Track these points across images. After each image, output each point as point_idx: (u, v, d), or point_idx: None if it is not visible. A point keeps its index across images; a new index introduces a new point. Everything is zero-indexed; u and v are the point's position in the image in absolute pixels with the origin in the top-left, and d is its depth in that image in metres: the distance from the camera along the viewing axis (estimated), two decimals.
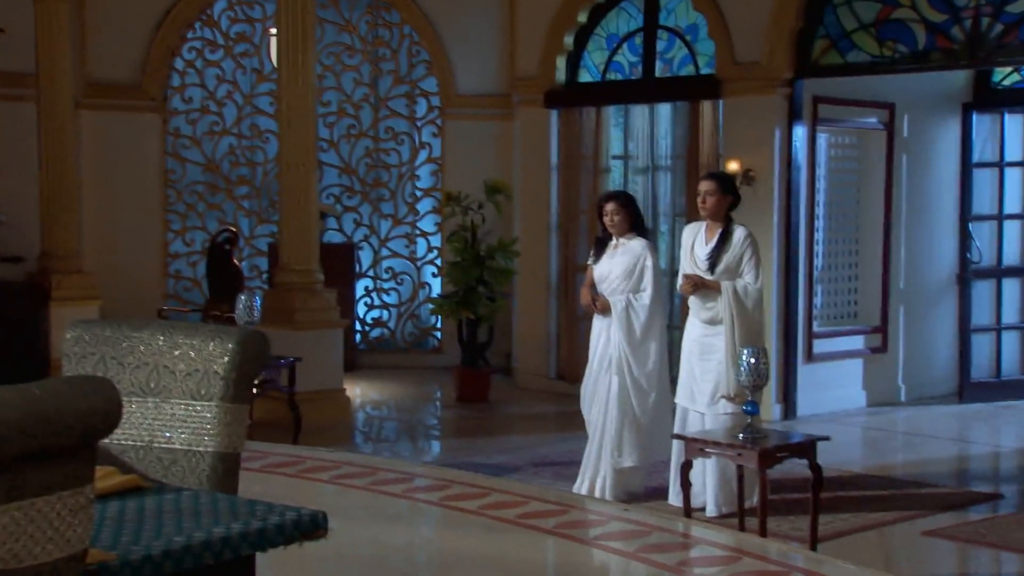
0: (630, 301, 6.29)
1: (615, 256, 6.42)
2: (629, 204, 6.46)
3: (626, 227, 6.39)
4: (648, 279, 6.33)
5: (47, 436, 1.79)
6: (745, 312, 6.02)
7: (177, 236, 10.51)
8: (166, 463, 2.69)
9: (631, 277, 6.33)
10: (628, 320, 6.27)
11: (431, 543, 5.06)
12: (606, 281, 6.40)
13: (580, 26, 9.56)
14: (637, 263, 6.32)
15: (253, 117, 10.72)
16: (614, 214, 6.37)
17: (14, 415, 1.75)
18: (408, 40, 10.73)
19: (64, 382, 1.89)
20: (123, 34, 10.02)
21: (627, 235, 6.39)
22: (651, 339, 6.30)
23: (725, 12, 8.63)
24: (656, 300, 6.34)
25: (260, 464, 5.77)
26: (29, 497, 1.79)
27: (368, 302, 11.01)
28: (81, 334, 2.83)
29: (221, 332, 2.74)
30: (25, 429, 1.75)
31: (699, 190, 6.23)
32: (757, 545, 4.52)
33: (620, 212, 6.37)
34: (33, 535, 1.79)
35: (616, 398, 6.26)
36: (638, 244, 6.38)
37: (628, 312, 6.27)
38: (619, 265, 6.36)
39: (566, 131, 9.61)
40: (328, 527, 2.42)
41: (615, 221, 6.37)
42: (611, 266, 6.41)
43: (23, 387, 1.82)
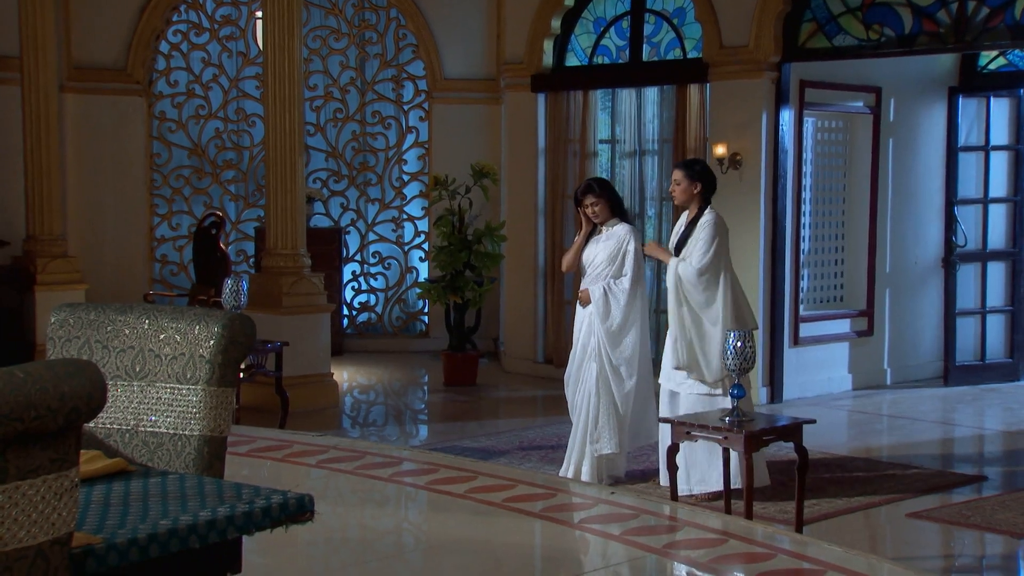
0: (609, 287, 6.31)
1: (599, 242, 6.43)
2: (605, 191, 6.44)
3: (608, 214, 6.39)
4: (629, 264, 6.34)
5: (30, 419, 1.79)
6: (686, 290, 6.08)
7: (163, 220, 10.47)
8: (152, 447, 2.68)
9: (614, 263, 6.34)
10: (607, 306, 6.29)
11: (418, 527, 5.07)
12: (591, 266, 6.42)
13: (567, 9, 9.54)
14: (620, 248, 6.34)
15: (239, 101, 10.67)
16: (593, 205, 6.38)
17: None
18: (395, 23, 10.69)
19: (47, 365, 1.88)
20: (108, 17, 9.95)
21: (610, 221, 6.40)
22: (630, 325, 6.32)
23: None
24: (636, 285, 6.35)
25: (247, 448, 5.76)
26: (13, 480, 1.78)
27: (355, 286, 10.99)
28: (66, 317, 2.82)
29: (207, 316, 2.73)
30: (8, 412, 1.75)
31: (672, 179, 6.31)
32: (743, 527, 4.54)
33: (599, 201, 6.37)
34: (17, 518, 1.79)
35: (595, 384, 6.28)
36: (622, 229, 6.39)
37: (607, 297, 6.29)
38: (603, 251, 6.37)
39: (553, 115, 9.59)
40: (315, 510, 2.42)
41: (596, 212, 6.38)
42: (596, 251, 6.42)
43: (5, 370, 1.81)
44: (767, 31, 8.33)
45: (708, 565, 3.99)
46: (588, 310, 6.38)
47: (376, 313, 10.99)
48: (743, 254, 8.50)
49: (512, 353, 9.93)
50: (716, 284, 6.09)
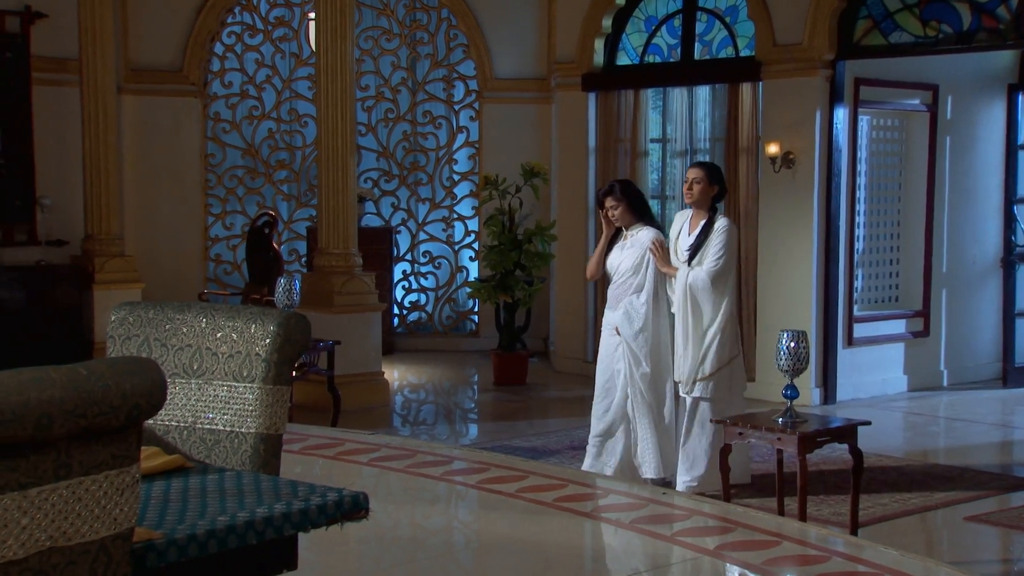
0: (626, 310, 6.11)
1: (624, 248, 6.19)
2: (628, 194, 6.18)
3: (630, 218, 6.14)
4: (650, 275, 6.11)
5: (93, 416, 1.81)
6: (699, 298, 5.93)
7: (217, 220, 10.59)
8: (209, 444, 2.72)
9: (639, 271, 6.12)
10: (629, 325, 6.10)
11: (469, 526, 5.08)
12: (616, 274, 6.21)
13: (619, 8, 9.50)
14: (645, 255, 6.11)
15: (292, 101, 10.77)
16: (613, 208, 6.14)
17: (61, 394, 1.77)
18: (446, 24, 10.72)
19: (110, 363, 1.91)
20: (164, 19, 10.09)
21: (634, 226, 6.16)
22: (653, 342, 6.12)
23: None
24: (658, 300, 6.12)
25: (300, 446, 5.81)
26: (77, 476, 1.81)
27: (406, 286, 11.05)
28: (125, 316, 2.87)
29: (263, 314, 2.76)
30: (72, 409, 1.78)
31: (687, 177, 6.11)
32: (796, 529, 4.50)
33: (619, 204, 6.13)
34: (81, 513, 1.82)
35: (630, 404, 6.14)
36: (646, 235, 6.14)
37: (628, 317, 6.11)
38: (628, 258, 6.14)
39: (604, 114, 9.57)
40: (369, 508, 2.44)
41: (616, 215, 6.15)
42: (620, 259, 6.19)
43: (69, 367, 1.84)
44: (821, 28, 8.24)
45: (761, 567, 3.96)
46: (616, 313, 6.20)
47: (426, 312, 11.04)
48: (795, 254, 8.43)
49: (562, 352, 9.92)
50: (726, 289, 5.97)
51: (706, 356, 5.96)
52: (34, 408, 1.72)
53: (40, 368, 1.81)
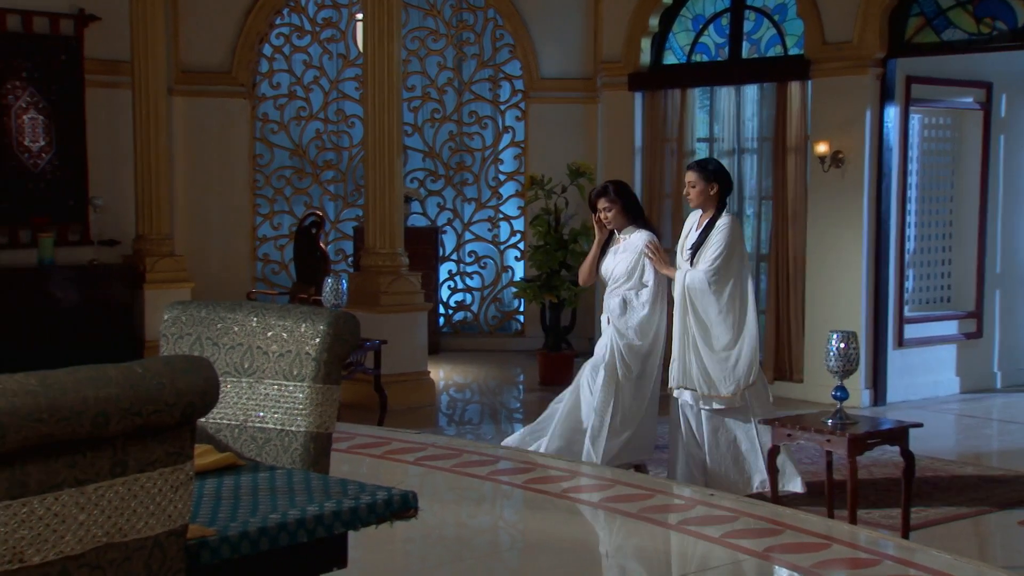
0: (627, 298, 5.94)
1: (616, 252, 6.03)
2: (622, 195, 6.00)
3: (623, 221, 5.98)
4: (650, 275, 5.93)
5: (149, 414, 1.84)
6: (695, 298, 5.75)
7: (265, 220, 10.69)
8: (260, 442, 2.74)
9: (633, 276, 5.95)
10: (624, 314, 5.94)
11: (515, 525, 5.08)
12: (610, 280, 6.04)
13: (666, 7, 9.47)
14: (639, 259, 5.94)
15: (339, 102, 10.84)
16: (606, 211, 5.97)
17: (118, 392, 1.80)
18: (492, 24, 10.74)
19: (164, 361, 1.94)
20: (214, 21, 10.20)
21: (626, 229, 5.99)
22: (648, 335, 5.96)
23: None
24: (658, 299, 5.95)
25: (347, 445, 5.85)
26: (132, 473, 1.84)
27: (451, 285, 11.08)
28: (178, 315, 2.90)
29: (313, 314, 2.78)
30: (128, 407, 1.80)
31: (685, 181, 5.93)
32: (847, 532, 4.45)
33: (612, 207, 5.96)
34: (136, 510, 1.84)
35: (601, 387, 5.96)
36: (639, 238, 5.96)
37: (624, 306, 5.95)
38: (622, 262, 5.97)
39: (650, 114, 9.53)
40: (418, 507, 2.45)
41: (609, 218, 5.98)
42: (614, 263, 6.02)
43: (125, 366, 1.87)
44: (872, 26, 8.14)
45: (811, 570, 3.92)
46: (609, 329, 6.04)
47: (472, 312, 11.06)
48: (845, 254, 8.34)
49: None
50: (729, 294, 5.75)
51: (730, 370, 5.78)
52: (91, 406, 1.74)
53: (97, 366, 1.84)
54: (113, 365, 1.86)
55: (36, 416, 1.67)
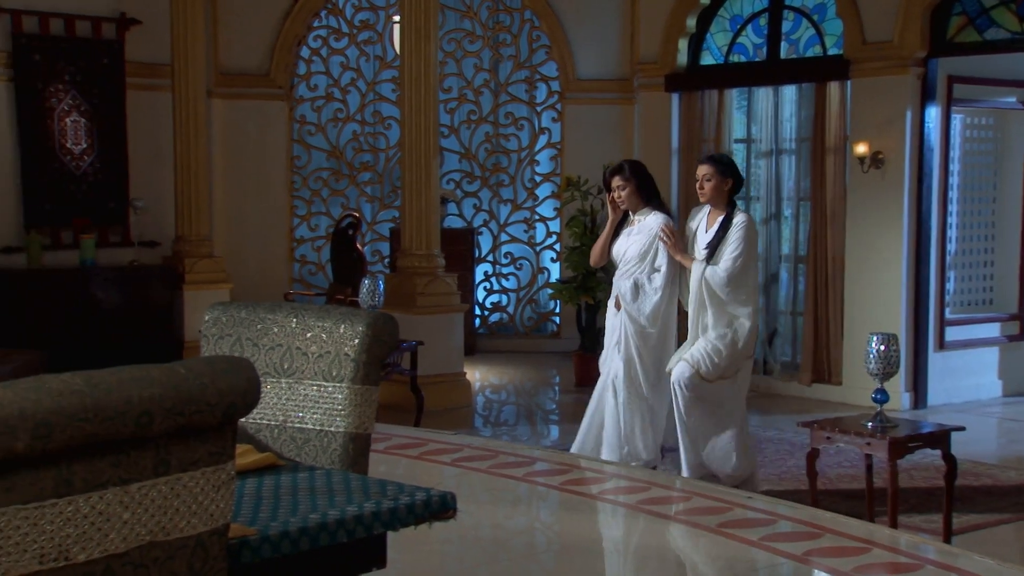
0: (639, 282, 5.82)
1: (631, 234, 5.89)
2: (637, 175, 5.85)
3: (638, 201, 5.83)
4: (663, 259, 5.79)
5: (191, 414, 1.85)
6: (711, 300, 5.65)
7: (302, 221, 10.75)
8: (299, 442, 2.76)
9: (646, 259, 5.82)
10: (635, 298, 5.81)
11: (551, 527, 5.08)
12: (622, 262, 5.91)
13: (703, 8, 9.42)
14: (653, 242, 5.81)
15: (376, 104, 10.89)
16: (620, 189, 5.82)
17: (161, 392, 1.81)
18: (528, 25, 10.74)
19: (206, 362, 1.95)
20: (253, 24, 10.28)
21: (641, 210, 5.86)
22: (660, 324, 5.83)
23: None
24: (672, 284, 5.81)
25: (384, 446, 5.87)
26: (175, 472, 1.85)
27: (487, 287, 11.09)
28: (218, 316, 2.92)
29: (352, 315, 2.79)
30: (171, 407, 1.82)
31: (697, 174, 5.81)
32: (887, 536, 4.40)
33: (627, 185, 5.82)
34: (179, 509, 1.86)
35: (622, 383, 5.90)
36: (654, 220, 5.82)
37: (636, 290, 5.81)
38: (635, 244, 5.83)
39: (687, 115, 9.49)
40: (457, 508, 2.45)
41: (623, 197, 5.84)
42: (627, 245, 5.89)
43: (169, 366, 1.88)
44: (913, 26, 8.06)
45: (851, 574, 3.88)
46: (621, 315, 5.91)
47: (508, 313, 11.06)
48: (885, 255, 8.26)
49: None
50: (745, 287, 5.69)
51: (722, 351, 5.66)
52: (135, 405, 1.76)
53: (140, 366, 1.86)
54: (156, 365, 1.87)
55: (81, 416, 1.69)
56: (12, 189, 8.96)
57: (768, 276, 9.11)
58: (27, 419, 1.62)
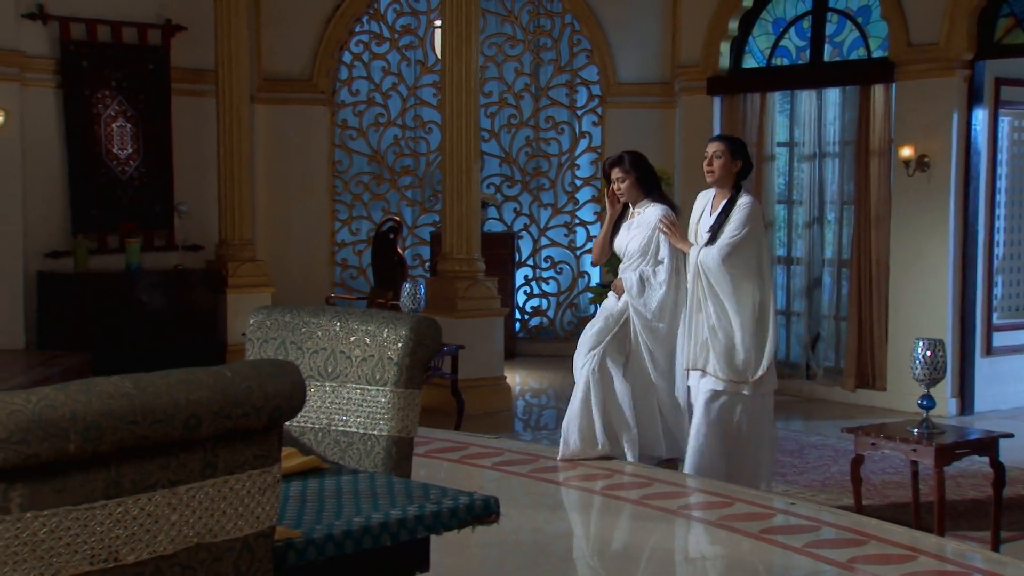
0: (644, 275, 5.66)
1: (631, 228, 5.75)
2: (637, 167, 5.69)
3: (638, 194, 5.69)
4: (665, 251, 5.64)
5: (238, 417, 1.87)
6: (713, 279, 5.41)
7: (344, 225, 10.82)
8: (343, 446, 2.77)
9: (648, 253, 5.69)
10: (641, 291, 5.65)
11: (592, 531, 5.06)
12: (625, 257, 5.77)
13: (745, 11, 9.37)
14: (653, 235, 5.66)
15: (417, 108, 10.93)
16: (619, 181, 5.68)
17: (208, 396, 1.83)
18: (569, 29, 10.73)
19: (253, 365, 1.96)
20: (295, 30, 10.36)
21: (641, 203, 5.72)
22: (666, 318, 5.66)
23: None
24: (676, 275, 5.64)
25: (424, 449, 5.88)
26: (222, 475, 1.87)
27: (527, 291, 11.09)
28: (263, 319, 2.95)
29: (395, 319, 2.80)
30: (218, 410, 1.83)
31: (706, 152, 5.63)
32: (934, 544, 4.34)
33: (627, 177, 5.67)
34: (226, 511, 1.87)
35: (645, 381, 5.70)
36: (654, 212, 5.65)
37: (642, 284, 5.66)
38: (635, 239, 5.69)
39: (729, 118, 9.43)
40: (500, 512, 2.45)
41: (622, 189, 5.70)
42: (628, 239, 5.75)
43: (216, 369, 1.90)
44: (960, 27, 7.96)
45: None
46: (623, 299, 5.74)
47: (548, 317, 11.05)
48: (931, 260, 8.16)
49: None
50: (748, 273, 5.45)
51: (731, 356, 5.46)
52: (183, 408, 1.78)
53: (188, 370, 1.87)
54: (203, 369, 1.89)
55: (131, 418, 1.71)
56: (61, 194, 9.10)
57: (811, 280, 9.03)
58: (78, 421, 1.65)
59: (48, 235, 9.04)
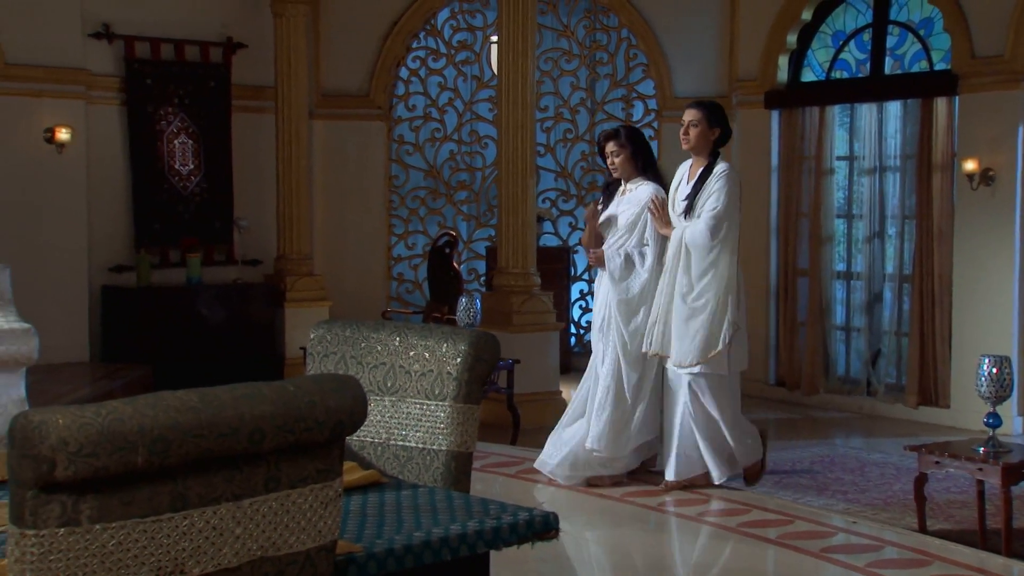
0: (631, 253, 5.54)
1: (620, 204, 5.63)
2: (633, 142, 5.60)
3: (631, 170, 5.58)
4: (651, 232, 5.50)
5: (301, 431, 1.88)
6: (691, 260, 5.28)
7: (400, 240, 10.88)
8: (402, 460, 2.78)
9: (635, 229, 5.55)
10: (625, 270, 5.53)
11: (650, 547, 5.02)
12: (610, 233, 5.65)
13: (804, 24, 9.29)
14: (642, 213, 5.53)
15: (473, 123, 10.97)
16: (614, 155, 5.58)
17: (272, 410, 1.84)
18: (625, 43, 10.72)
19: (315, 380, 1.98)
20: (353, 47, 10.47)
21: (634, 179, 5.61)
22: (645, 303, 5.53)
23: (963, 4, 8.17)
24: (660, 261, 5.51)
25: (480, 464, 5.89)
26: (285, 489, 1.88)
27: (583, 305, 11.06)
28: (323, 334, 2.97)
29: (454, 334, 2.80)
30: (282, 424, 1.85)
31: (682, 120, 5.53)
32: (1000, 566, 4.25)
33: (621, 152, 5.57)
34: (288, 525, 1.89)
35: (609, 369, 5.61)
36: (645, 191, 5.54)
37: (627, 261, 5.53)
38: (623, 215, 5.57)
39: (787, 132, 9.35)
40: (559, 528, 2.44)
41: (616, 164, 5.60)
42: (616, 212, 5.64)
43: (279, 384, 1.92)
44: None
45: None
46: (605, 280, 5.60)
47: None
48: (995, 275, 8.01)
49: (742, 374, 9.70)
50: (729, 246, 5.34)
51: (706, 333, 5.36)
52: (248, 422, 1.79)
53: (251, 384, 1.89)
54: (267, 383, 1.91)
55: (197, 432, 1.73)
56: (124, 210, 9.26)
57: (871, 295, 8.91)
58: (146, 434, 1.67)
59: (112, 249, 9.20)
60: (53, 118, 8.74)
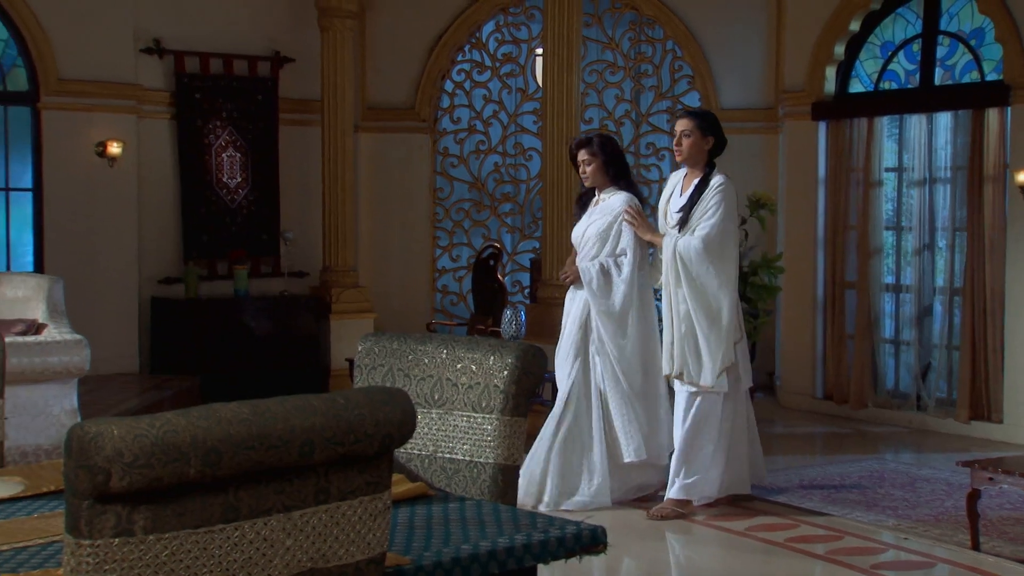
0: (606, 264, 5.40)
1: (592, 214, 5.50)
2: (605, 150, 5.47)
3: (604, 179, 5.45)
4: (628, 241, 5.36)
5: (350, 443, 1.89)
6: (692, 270, 5.16)
7: (444, 252, 10.92)
8: (449, 472, 2.78)
9: (607, 241, 5.43)
10: (605, 284, 5.39)
11: (695, 562, 4.98)
12: (581, 245, 5.53)
13: (852, 35, 9.21)
14: (615, 222, 5.41)
15: (517, 136, 11.00)
16: (586, 164, 5.45)
17: (322, 422, 1.85)
18: (671, 55, 10.69)
19: (364, 392, 1.98)
20: (399, 60, 10.54)
21: (607, 189, 5.49)
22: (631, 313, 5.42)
23: (1015, 14, 8.06)
24: (640, 269, 5.41)
25: None
26: (334, 501, 1.89)
27: None
28: (371, 346, 2.98)
29: (501, 347, 2.81)
30: (331, 436, 1.86)
31: (675, 130, 5.39)
32: None
33: (593, 161, 5.44)
34: (338, 537, 1.89)
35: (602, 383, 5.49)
36: (619, 200, 5.42)
37: (604, 274, 5.40)
38: (595, 225, 5.45)
39: (835, 143, 9.26)
40: (607, 543, 2.43)
41: (588, 172, 5.47)
42: (587, 226, 5.51)
43: (329, 396, 1.93)
44: None
45: None
46: (580, 294, 5.47)
47: None
48: None
49: (789, 388, 9.63)
50: (726, 260, 5.23)
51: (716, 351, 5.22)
52: (298, 435, 1.80)
53: (301, 396, 1.90)
54: (316, 395, 1.92)
55: (248, 444, 1.74)
56: (173, 222, 9.39)
57: (921, 308, 8.79)
58: (199, 446, 1.68)
59: (161, 261, 9.33)
60: (105, 132, 8.89)
